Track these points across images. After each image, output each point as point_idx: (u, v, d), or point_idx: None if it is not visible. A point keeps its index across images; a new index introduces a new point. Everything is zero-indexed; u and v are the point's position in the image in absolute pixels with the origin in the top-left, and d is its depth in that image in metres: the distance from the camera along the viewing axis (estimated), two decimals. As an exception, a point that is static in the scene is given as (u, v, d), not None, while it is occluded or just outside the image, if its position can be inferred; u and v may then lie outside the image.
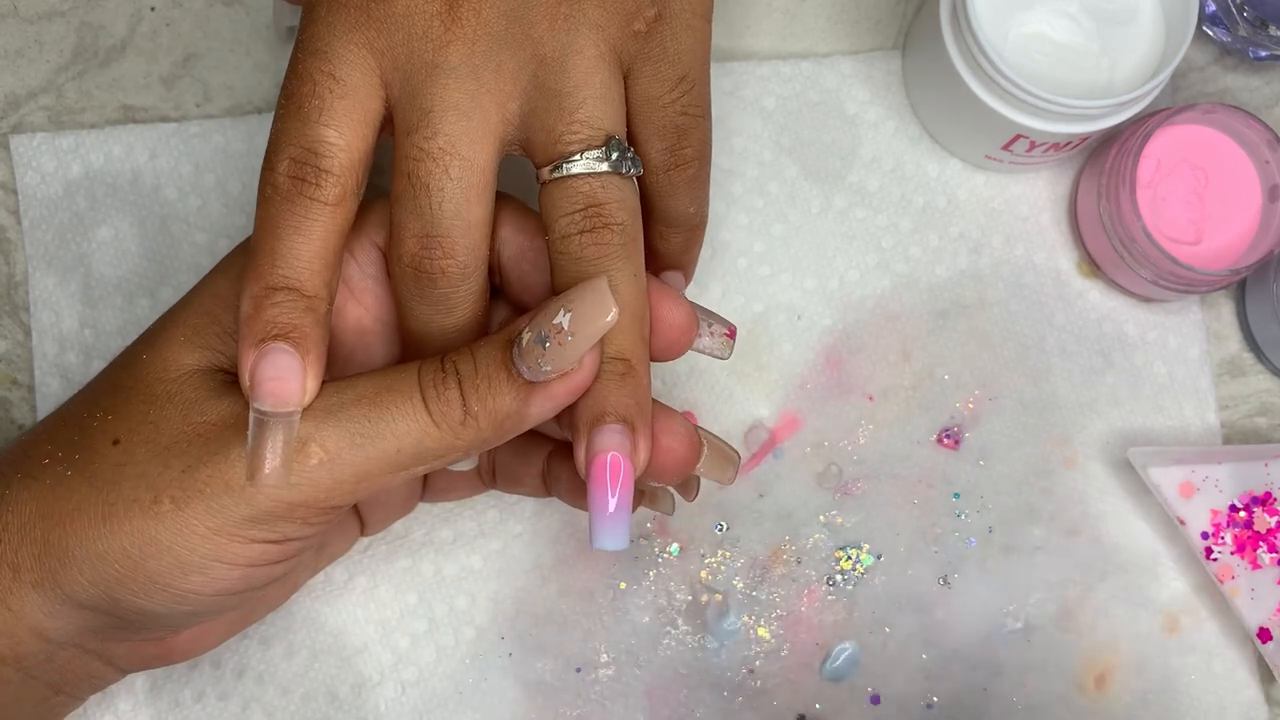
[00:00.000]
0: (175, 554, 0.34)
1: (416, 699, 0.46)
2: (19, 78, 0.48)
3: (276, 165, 0.34)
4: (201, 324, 0.36)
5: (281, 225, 0.34)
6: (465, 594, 0.47)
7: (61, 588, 0.34)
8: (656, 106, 0.37)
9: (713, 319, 0.39)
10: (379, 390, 0.34)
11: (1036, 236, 0.49)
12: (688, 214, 0.39)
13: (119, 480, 0.34)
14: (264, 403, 0.33)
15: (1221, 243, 0.47)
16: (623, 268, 0.35)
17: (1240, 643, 0.48)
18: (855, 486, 0.48)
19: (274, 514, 0.34)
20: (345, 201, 0.34)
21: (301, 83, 0.34)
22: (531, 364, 0.33)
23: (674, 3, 0.37)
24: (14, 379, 0.47)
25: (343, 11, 0.34)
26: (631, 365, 0.35)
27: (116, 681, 0.40)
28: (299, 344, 0.33)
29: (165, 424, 0.34)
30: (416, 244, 0.34)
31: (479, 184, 0.34)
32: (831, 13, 0.50)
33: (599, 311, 0.33)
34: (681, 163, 0.38)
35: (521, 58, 0.35)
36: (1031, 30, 0.46)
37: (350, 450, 0.34)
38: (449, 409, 0.34)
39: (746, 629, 0.47)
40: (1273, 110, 0.51)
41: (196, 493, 0.33)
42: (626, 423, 0.34)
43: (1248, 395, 0.50)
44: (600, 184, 0.35)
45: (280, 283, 0.33)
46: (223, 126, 0.48)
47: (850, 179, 0.49)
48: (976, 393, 0.49)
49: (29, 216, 0.47)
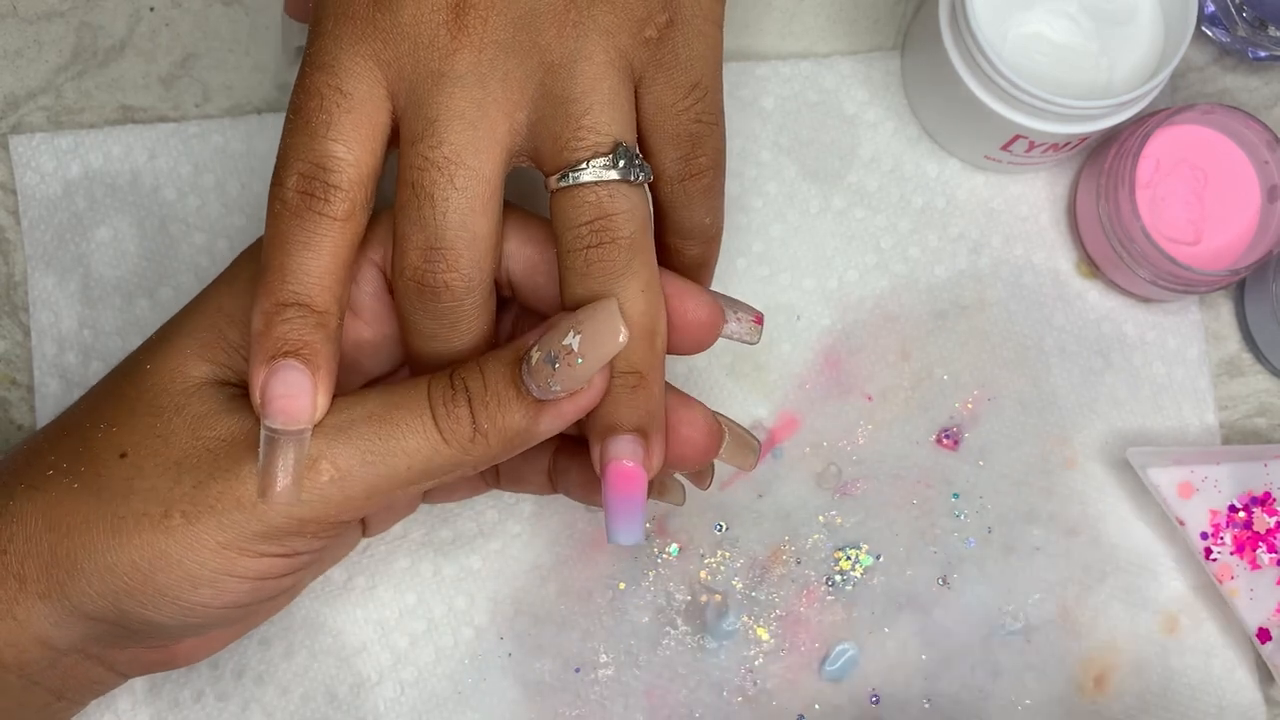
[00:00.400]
0: (185, 568, 0.34)
1: (415, 699, 0.46)
2: (18, 78, 0.48)
3: (285, 181, 0.34)
4: (207, 337, 0.36)
5: (291, 241, 0.33)
6: (464, 594, 0.47)
7: (69, 599, 0.34)
8: (669, 114, 0.36)
9: (738, 306, 0.38)
10: (389, 407, 0.34)
11: (1036, 237, 0.49)
12: (703, 225, 0.38)
13: (128, 494, 0.34)
14: (275, 420, 0.33)
15: (1220, 243, 0.47)
16: (631, 282, 0.34)
17: (1239, 643, 0.48)
18: (854, 487, 0.48)
19: (284, 529, 0.34)
20: (354, 216, 0.34)
21: (309, 97, 0.34)
22: (541, 383, 0.33)
23: (686, 8, 0.36)
24: (13, 379, 0.47)
25: (349, 24, 0.34)
26: (643, 376, 0.35)
27: (118, 686, 0.40)
28: (310, 361, 0.33)
29: (174, 438, 0.34)
30: (419, 256, 0.34)
31: (485, 195, 0.34)
32: (830, 13, 0.50)
33: (609, 335, 0.33)
34: (696, 172, 0.37)
35: (529, 66, 0.34)
36: (1031, 30, 0.46)
37: (361, 468, 0.34)
38: (459, 426, 0.34)
39: (746, 629, 0.47)
40: (1272, 110, 0.51)
41: (207, 508, 0.33)
42: (639, 432, 0.35)
43: (1247, 395, 0.50)
44: (609, 192, 0.34)
45: (290, 299, 0.33)
46: (222, 126, 0.48)
47: (849, 179, 0.49)
48: (975, 393, 0.49)
49: (28, 217, 0.47)
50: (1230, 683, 0.48)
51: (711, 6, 0.37)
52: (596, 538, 0.47)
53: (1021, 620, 0.47)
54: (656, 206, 0.38)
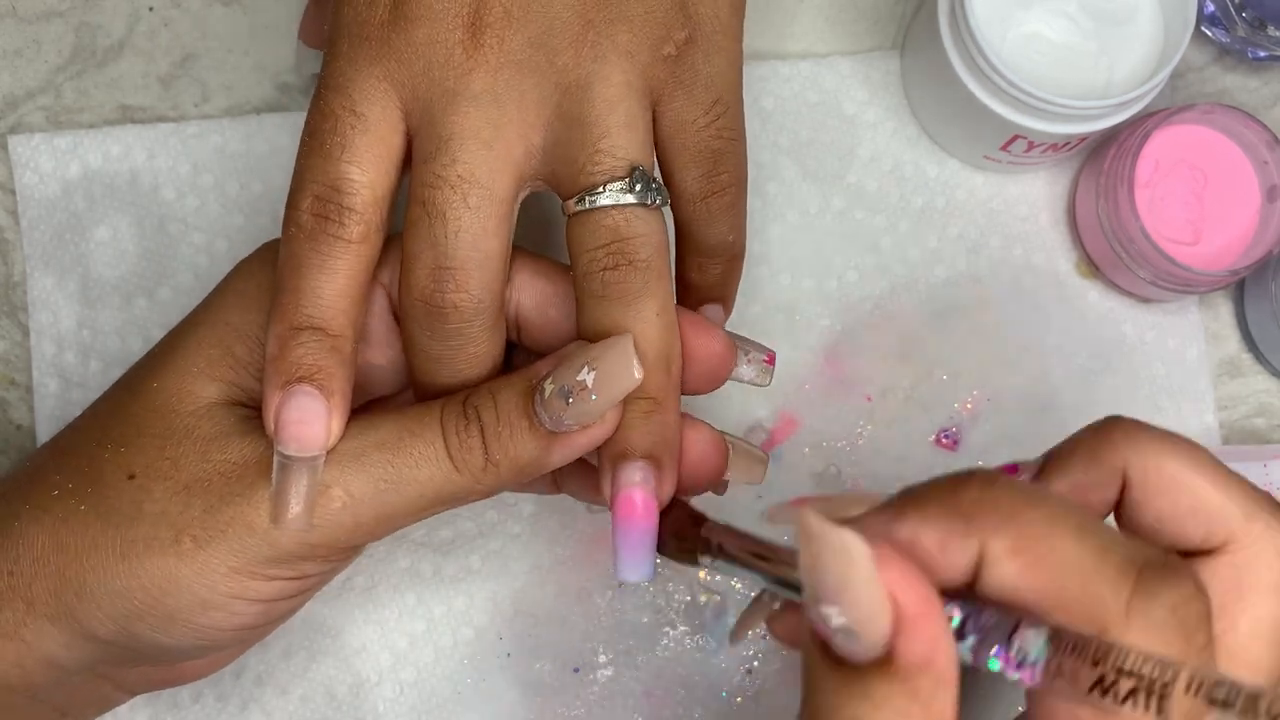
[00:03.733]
0: (196, 592, 0.33)
1: (415, 699, 0.46)
2: (17, 78, 0.48)
3: (300, 203, 0.33)
4: (214, 355, 0.35)
5: (306, 264, 0.33)
6: (464, 594, 0.47)
7: (79, 622, 0.34)
8: (690, 131, 0.36)
9: (750, 346, 0.38)
10: (401, 435, 0.34)
11: (1035, 237, 0.49)
12: (726, 243, 0.38)
13: (137, 517, 0.34)
14: (288, 447, 0.33)
15: (1220, 243, 0.47)
16: (648, 305, 0.34)
17: (1239, 643, 0.48)
18: (854, 487, 0.48)
19: (295, 554, 0.34)
20: (369, 239, 0.34)
21: (324, 119, 0.34)
22: (554, 415, 0.33)
23: (705, 24, 0.36)
24: (12, 379, 0.47)
25: (364, 45, 0.34)
26: (658, 402, 0.34)
27: (124, 703, 0.40)
28: (324, 386, 0.33)
29: (183, 460, 0.34)
30: (428, 276, 0.33)
31: (498, 215, 0.34)
32: (830, 13, 0.50)
33: (623, 372, 0.32)
34: (718, 189, 0.37)
35: (545, 87, 0.34)
36: (1030, 30, 0.46)
37: (373, 495, 0.33)
38: (471, 457, 0.34)
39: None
40: (1271, 110, 0.51)
41: (219, 533, 0.33)
42: (651, 459, 0.34)
43: (1246, 396, 0.50)
44: (625, 216, 0.34)
45: (305, 322, 0.33)
46: (221, 126, 0.48)
47: (849, 179, 0.49)
48: (975, 393, 0.49)
49: (27, 216, 0.47)
50: (1230, 683, 0.48)
51: (730, 21, 0.36)
52: (596, 538, 0.47)
53: (1021, 620, 0.47)
54: (678, 226, 0.38)
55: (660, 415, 0.34)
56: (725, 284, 0.40)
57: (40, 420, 0.47)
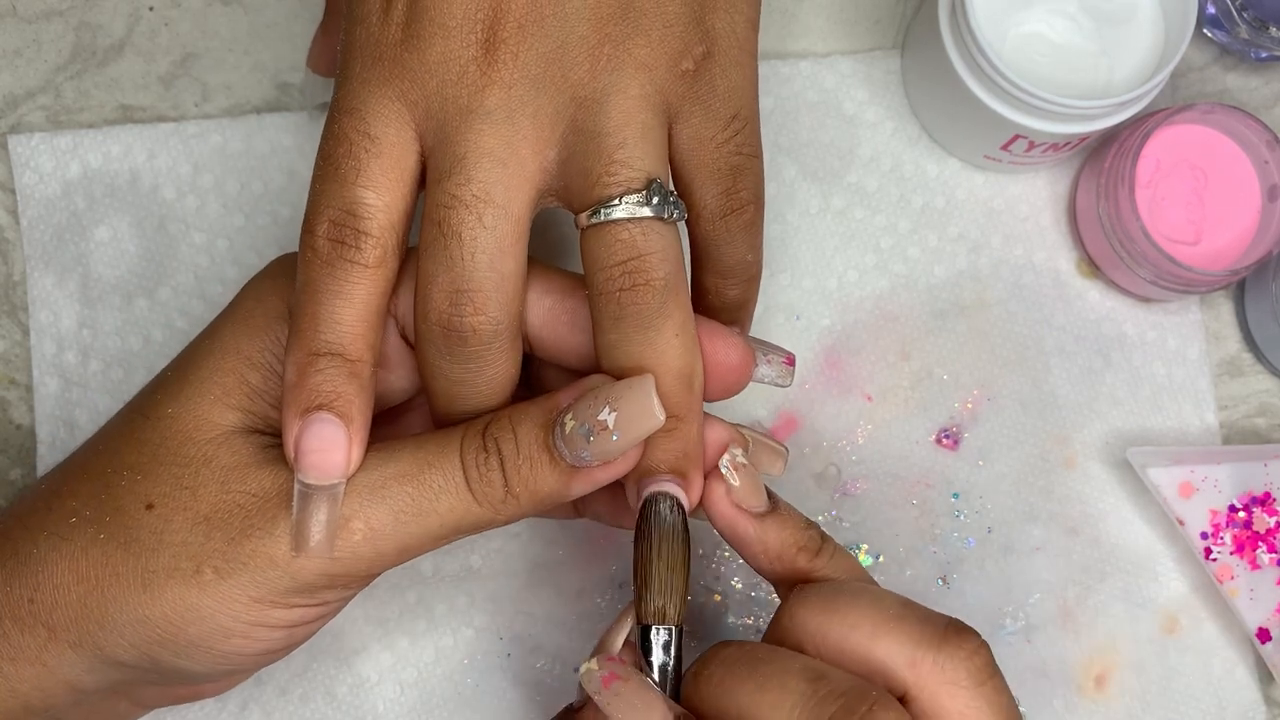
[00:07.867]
0: (218, 620, 0.33)
1: (415, 699, 0.46)
2: (17, 77, 0.48)
3: (315, 228, 0.33)
4: (229, 383, 0.35)
5: (323, 290, 0.33)
6: (464, 594, 0.47)
7: (101, 649, 0.34)
8: (709, 147, 0.35)
9: (769, 348, 0.38)
10: (421, 466, 0.34)
11: (1035, 237, 0.49)
12: (745, 262, 0.37)
13: (157, 548, 0.33)
14: (309, 475, 0.33)
15: (1220, 243, 0.47)
16: (666, 325, 0.34)
17: (1239, 643, 0.48)
18: (854, 486, 0.48)
19: (316, 585, 0.34)
20: (386, 263, 0.33)
21: (337, 143, 0.33)
22: (574, 450, 0.33)
23: (723, 39, 0.35)
24: (12, 379, 0.47)
25: (376, 66, 0.33)
26: (680, 420, 0.34)
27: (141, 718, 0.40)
28: (343, 413, 0.33)
29: (202, 490, 0.34)
30: (445, 300, 0.33)
31: (514, 234, 0.33)
32: (830, 12, 0.50)
33: (644, 415, 0.32)
34: (737, 206, 0.36)
35: (560, 102, 0.33)
36: (1030, 30, 0.46)
37: (394, 527, 0.33)
38: (491, 489, 0.34)
39: (745, 630, 0.47)
40: (1272, 110, 0.51)
41: (240, 565, 0.33)
42: (676, 472, 0.35)
43: (1247, 395, 0.50)
44: (642, 230, 0.33)
45: (323, 348, 0.33)
46: (221, 126, 0.48)
47: (849, 179, 0.49)
48: (975, 393, 0.49)
49: (27, 216, 0.47)
50: (1230, 682, 0.48)
51: (747, 36, 0.36)
52: (596, 537, 0.47)
53: (1022, 620, 0.47)
54: (694, 245, 0.37)
55: (683, 432, 0.34)
56: (743, 306, 0.39)
57: (40, 420, 0.47)
